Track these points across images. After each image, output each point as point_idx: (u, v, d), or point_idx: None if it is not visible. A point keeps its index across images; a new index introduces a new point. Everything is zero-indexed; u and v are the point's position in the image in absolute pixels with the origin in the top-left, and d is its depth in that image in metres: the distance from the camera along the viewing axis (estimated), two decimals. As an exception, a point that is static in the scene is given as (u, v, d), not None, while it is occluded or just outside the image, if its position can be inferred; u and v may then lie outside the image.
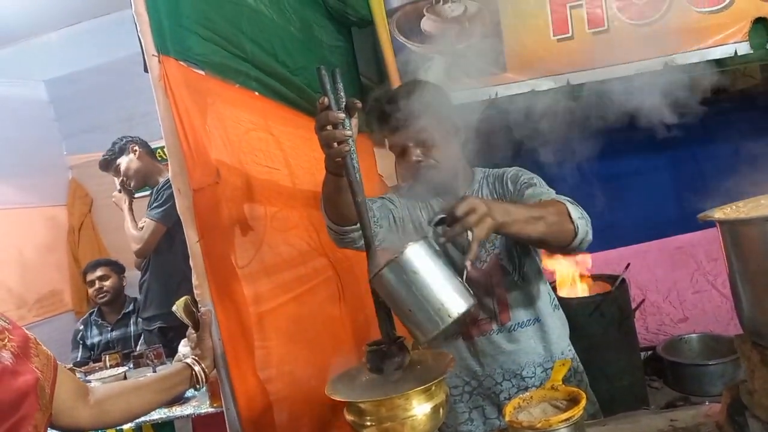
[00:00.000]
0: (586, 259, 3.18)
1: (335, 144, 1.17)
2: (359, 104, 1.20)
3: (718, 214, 1.15)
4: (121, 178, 3.22)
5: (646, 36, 2.50)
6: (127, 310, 3.59)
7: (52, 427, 1.17)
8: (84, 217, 4.44)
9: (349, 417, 1.14)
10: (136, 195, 4.42)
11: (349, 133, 1.17)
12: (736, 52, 2.45)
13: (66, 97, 4.42)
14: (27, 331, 1.14)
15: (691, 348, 3.19)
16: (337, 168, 1.25)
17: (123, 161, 3.18)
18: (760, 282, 1.05)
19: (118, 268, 3.69)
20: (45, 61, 4.15)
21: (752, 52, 2.44)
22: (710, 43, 2.47)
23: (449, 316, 1.08)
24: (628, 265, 3.16)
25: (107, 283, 3.55)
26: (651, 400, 2.96)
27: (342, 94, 1.19)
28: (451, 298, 1.09)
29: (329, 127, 1.17)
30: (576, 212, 1.37)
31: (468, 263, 1.13)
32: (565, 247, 1.37)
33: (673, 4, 2.48)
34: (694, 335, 3.22)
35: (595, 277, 3.13)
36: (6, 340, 1.07)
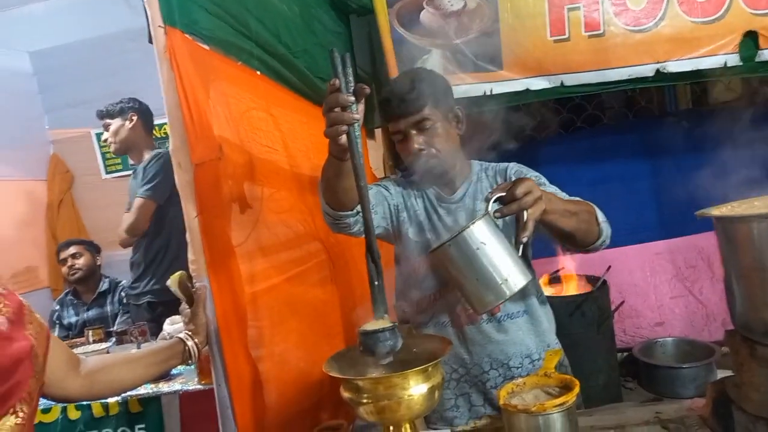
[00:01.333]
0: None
1: (341, 127, 1.17)
2: (367, 90, 1.20)
3: (715, 212, 1.18)
4: (106, 137, 3.17)
5: (639, 42, 2.54)
6: (102, 289, 3.55)
7: (44, 396, 1.16)
8: (64, 193, 4.35)
9: (345, 394, 1.15)
10: (115, 175, 4.41)
11: (356, 116, 1.17)
12: (725, 64, 2.50)
13: (50, 70, 4.32)
14: (21, 299, 1.12)
15: (666, 351, 3.26)
16: (341, 152, 1.25)
17: (115, 123, 3.12)
18: (752, 277, 1.08)
19: (92, 248, 3.64)
20: (31, 31, 4.04)
21: (741, 64, 2.49)
22: (701, 53, 2.52)
23: (515, 286, 1.18)
24: (609, 267, 3.23)
25: (80, 261, 3.51)
26: (624, 399, 3.03)
27: (351, 78, 1.18)
28: (514, 272, 1.19)
29: (338, 109, 1.17)
30: (601, 215, 1.45)
31: (524, 240, 1.19)
32: (585, 246, 1.44)
33: (667, 12, 2.52)
34: (669, 339, 3.30)
35: (577, 278, 3.19)
36: (1, 306, 1.05)
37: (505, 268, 1.18)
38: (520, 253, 1.21)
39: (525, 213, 1.19)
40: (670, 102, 4.30)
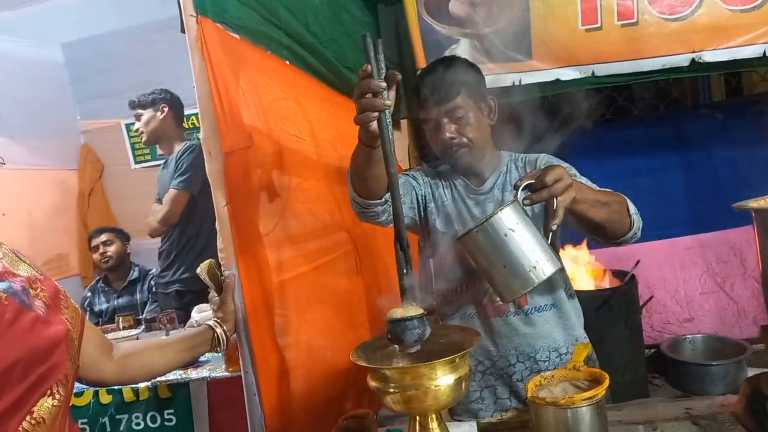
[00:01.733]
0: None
1: (372, 113, 1.17)
2: (399, 76, 1.19)
3: (753, 204, 1.15)
4: (137, 127, 3.22)
5: (674, 31, 2.48)
6: (133, 278, 3.61)
7: (78, 380, 1.18)
8: (94, 182, 4.43)
9: (372, 383, 1.15)
10: (143, 165, 4.48)
11: (388, 102, 1.16)
12: (765, 53, 2.43)
13: (82, 61, 4.38)
14: (57, 284, 1.14)
15: (695, 348, 3.20)
16: (371, 139, 1.24)
17: (146, 114, 3.17)
18: (792, 273, 1.05)
19: (122, 236, 3.71)
20: (63, 23, 4.10)
21: (781, 53, 2.42)
22: (739, 42, 2.46)
23: (543, 274, 1.16)
24: (638, 261, 3.17)
25: (111, 249, 3.58)
26: (651, 396, 2.99)
27: (383, 64, 1.18)
28: (542, 260, 1.17)
29: (369, 95, 1.16)
30: (633, 207, 1.42)
31: (554, 227, 1.18)
32: (616, 239, 1.42)
33: (703, 0, 2.46)
34: (698, 335, 3.24)
35: (605, 272, 3.15)
36: (39, 290, 1.07)
37: (534, 255, 1.16)
38: (549, 241, 1.20)
39: (555, 200, 1.17)
40: (703, 93, 4.21)
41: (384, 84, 1.15)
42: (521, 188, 1.20)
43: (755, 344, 2.94)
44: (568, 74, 2.58)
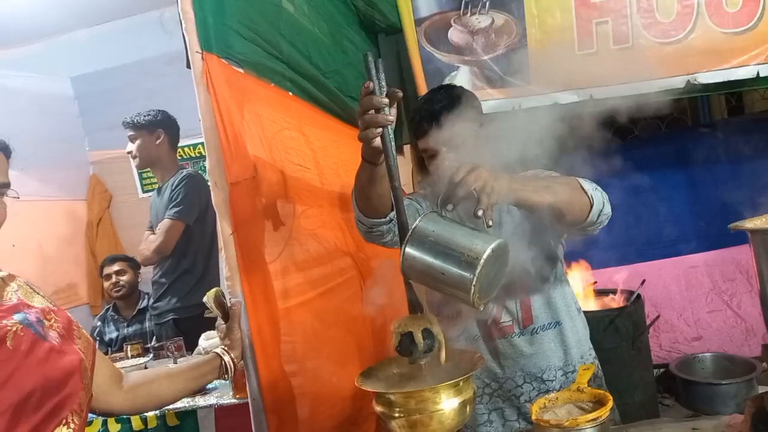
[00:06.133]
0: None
1: (376, 129, 1.18)
2: (400, 93, 1.21)
3: (749, 224, 1.17)
4: (131, 151, 3.15)
5: (669, 54, 2.53)
6: (142, 306, 3.63)
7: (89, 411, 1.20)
8: (103, 212, 4.48)
9: (378, 408, 1.16)
10: (151, 194, 4.51)
11: (390, 118, 1.19)
12: (758, 74, 2.47)
13: (91, 94, 4.48)
14: (69, 315, 1.17)
15: (705, 367, 3.17)
16: (375, 155, 1.25)
17: (142, 139, 3.10)
18: (789, 292, 1.07)
19: (134, 264, 3.72)
20: (72, 57, 4.21)
21: (775, 74, 2.46)
22: (733, 64, 2.50)
23: (479, 256, 1.07)
24: (644, 281, 3.17)
25: (124, 278, 3.59)
26: (662, 417, 2.96)
27: (383, 82, 1.20)
28: (475, 242, 1.09)
29: (372, 112, 1.18)
30: (588, 184, 1.38)
31: (480, 212, 1.11)
32: (582, 221, 1.37)
33: (697, 23, 2.50)
34: (707, 354, 3.21)
35: (610, 292, 3.15)
36: (53, 321, 1.10)
37: (465, 241, 1.09)
38: (486, 226, 1.13)
39: (474, 192, 1.14)
40: (702, 112, 4.24)
41: (386, 100, 1.17)
42: (441, 203, 1.17)
43: (765, 362, 2.92)
44: (567, 98, 2.62)
